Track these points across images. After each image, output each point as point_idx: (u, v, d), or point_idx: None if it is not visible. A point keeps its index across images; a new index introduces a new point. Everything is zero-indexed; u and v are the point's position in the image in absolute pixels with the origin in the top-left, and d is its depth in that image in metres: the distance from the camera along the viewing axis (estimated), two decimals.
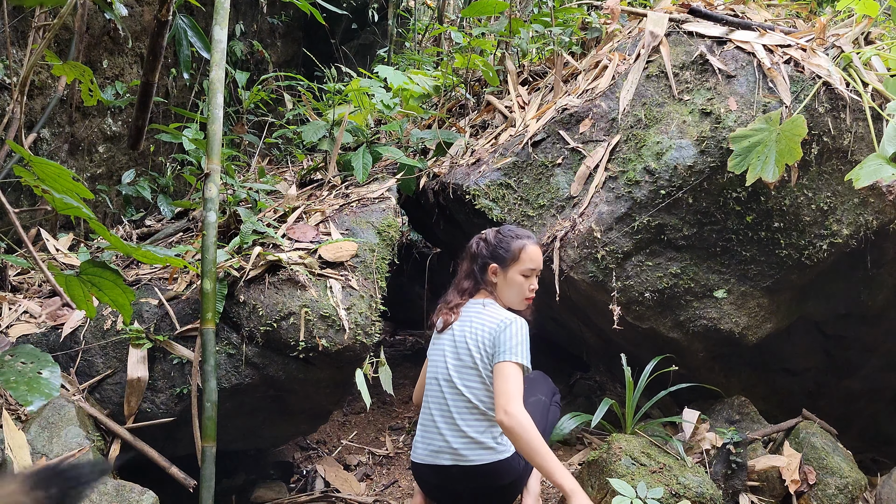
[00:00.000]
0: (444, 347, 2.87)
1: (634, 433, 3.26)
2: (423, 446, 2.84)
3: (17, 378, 1.89)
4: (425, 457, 2.81)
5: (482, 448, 2.74)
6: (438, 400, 2.83)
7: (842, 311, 3.84)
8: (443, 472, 2.78)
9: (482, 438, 2.74)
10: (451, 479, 2.78)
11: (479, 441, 2.74)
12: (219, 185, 3.19)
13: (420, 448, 2.85)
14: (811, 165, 3.42)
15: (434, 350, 2.93)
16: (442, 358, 2.86)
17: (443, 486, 2.86)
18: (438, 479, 2.83)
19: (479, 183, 3.76)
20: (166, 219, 4.50)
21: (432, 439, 2.82)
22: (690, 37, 3.70)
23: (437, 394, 2.84)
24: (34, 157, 2.06)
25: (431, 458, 2.79)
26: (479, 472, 2.75)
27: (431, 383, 2.88)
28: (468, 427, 2.75)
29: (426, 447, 2.82)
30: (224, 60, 3.28)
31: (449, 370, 2.81)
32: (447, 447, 2.77)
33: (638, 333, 3.59)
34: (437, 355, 2.89)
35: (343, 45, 7.27)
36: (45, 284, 3.57)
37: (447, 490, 2.87)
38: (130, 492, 2.53)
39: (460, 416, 2.77)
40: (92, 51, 4.24)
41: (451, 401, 2.79)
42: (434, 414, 2.82)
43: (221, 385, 3.04)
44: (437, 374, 2.86)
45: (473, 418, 2.76)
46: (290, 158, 5.51)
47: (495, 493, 2.84)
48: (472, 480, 2.76)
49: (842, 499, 3.24)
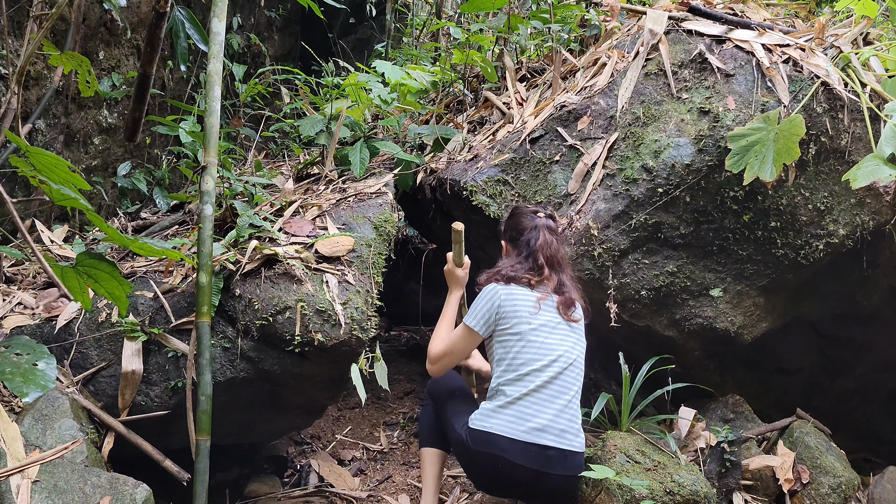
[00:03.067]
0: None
1: (629, 431, 3.27)
2: (520, 422, 2.72)
3: (13, 369, 1.88)
4: (523, 434, 2.69)
5: (580, 435, 2.81)
6: (556, 378, 2.78)
7: (837, 311, 3.85)
8: (540, 453, 2.69)
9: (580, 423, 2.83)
10: (544, 462, 2.70)
11: (580, 425, 2.82)
12: (215, 178, 3.18)
13: (513, 424, 2.72)
14: (809, 165, 3.42)
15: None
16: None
17: (520, 475, 2.71)
18: (526, 461, 2.69)
19: (476, 179, 3.75)
20: (162, 211, 4.48)
21: (534, 415, 2.72)
22: (689, 35, 3.70)
23: (555, 372, 2.79)
24: (31, 148, 2.05)
25: (530, 437, 2.69)
26: (575, 460, 2.75)
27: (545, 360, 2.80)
28: (578, 411, 2.82)
29: (524, 423, 2.71)
30: (221, 53, 3.27)
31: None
32: (556, 427, 2.73)
33: (633, 331, 3.60)
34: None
35: (340, 40, 7.25)
36: (40, 276, 3.55)
37: (524, 480, 2.72)
38: (124, 485, 2.52)
39: (576, 398, 2.82)
40: (88, 42, 4.21)
41: (571, 380, 2.83)
42: (544, 391, 2.76)
43: (216, 379, 3.03)
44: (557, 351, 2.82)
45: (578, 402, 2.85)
46: (287, 152, 5.49)
47: (567, 489, 2.80)
48: (564, 466, 2.72)
49: (835, 498, 3.26)
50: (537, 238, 2.97)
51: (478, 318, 2.87)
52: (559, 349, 2.81)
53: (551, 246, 2.98)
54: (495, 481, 2.82)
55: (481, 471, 2.80)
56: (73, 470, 2.51)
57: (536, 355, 2.78)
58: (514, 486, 2.77)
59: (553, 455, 2.69)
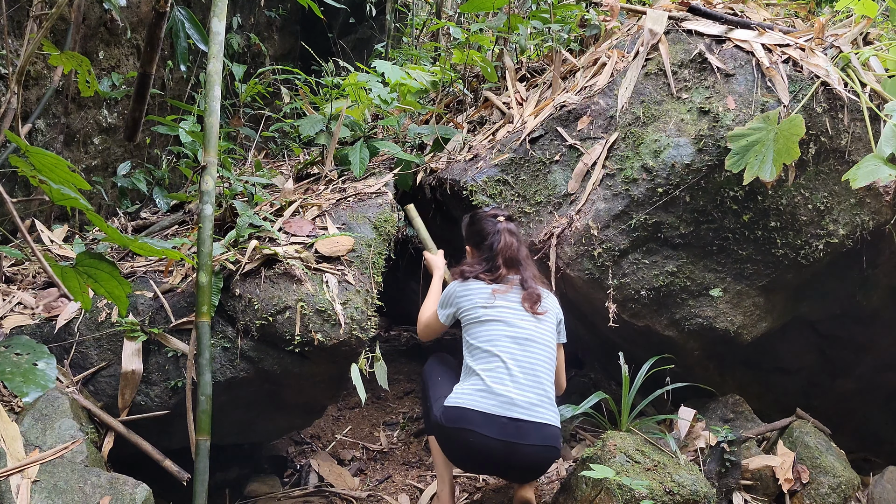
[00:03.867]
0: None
1: (629, 430, 3.27)
2: (491, 397, 2.81)
3: (13, 369, 1.88)
4: (493, 407, 2.78)
5: (552, 409, 2.89)
6: (523, 356, 2.91)
7: (836, 310, 3.85)
8: (510, 425, 2.77)
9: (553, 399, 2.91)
10: (515, 433, 2.78)
11: (552, 400, 2.90)
12: (215, 178, 3.19)
13: (484, 399, 2.82)
14: (808, 165, 3.42)
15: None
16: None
17: (492, 447, 2.79)
18: (498, 433, 2.77)
19: (476, 179, 3.75)
20: (162, 211, 4.48)
21: (504, 391, 2.82)
22: (689, 35, 3.70)
23: (522, 350, 2.91)
24: (31, 148, 2.05)
25: (500, 410, 2.78)
26: (547, 431, 2.83)
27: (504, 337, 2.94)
28: (551, 388, 2.93)
29: (494, 398, 2.80)
30: (221, 53, 3.27)
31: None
32: (524, 401, 2.81)
33: (633, 331, 3.60)
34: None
35: (340, 40, 7.25)
36: (40, 276, 3.55)
37: (497, 453, 2.80)
38: (124, 485, 2.52)
39: (546, 376, 2.93)
40: (88, 42, 4.21)
41: (540, 360, 2.94)
42: (512, 367, 2.87)
43: (216, 378, 3.03)
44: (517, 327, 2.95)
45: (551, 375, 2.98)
46: (287, 152, 5.49)
47: (541, 460, 2.87)
48: (536, 437, 2.79)
49: (835, 498, 3.26)
50: (499, 241, 3.13)
51: (441, 310, 3.15)
52: (525, 332, 2.94)
53: (512, 247, 3.14)
54: (471, 456, 2.90)
55: (456, 447, 2.88)
56: (72, 470, 2.51)
57: (502, 336, 2.92)
58: (489, 459, 2.84)
59: (524, 427, 2.78)
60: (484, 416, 2.77)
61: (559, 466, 3.54)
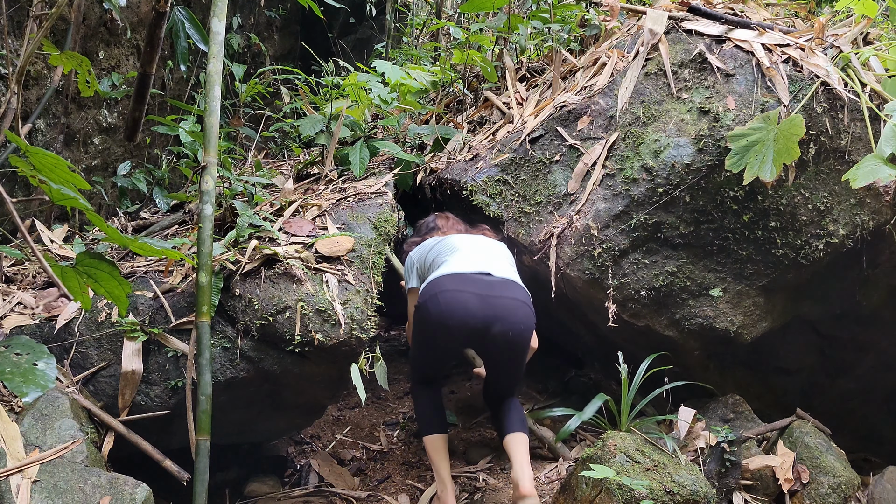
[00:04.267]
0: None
1: (629, 430, 3.27)
2: (458, 266, 3.13)
3: (13, 369, 1.88)
4: (462, 268, 3.10)
5: (517, 278, 3.20)
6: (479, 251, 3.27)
7: (836, 310, 3.85)
8: (480, 280, 3.05)
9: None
10: (487, 286, 3.03)
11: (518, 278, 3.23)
12: (215, 177, 3.18)
13: (453, 269, 3.12)
14: (808, 165, 3.42)
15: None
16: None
17: (468, 302, 2.98)
18: (472, 287, 3.01)
19: (476, 179, 3.75)
20: (162, 211, 4.48)
21: (470, 264, 3.15)
22: (689, 35, 3.70)
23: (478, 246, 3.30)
24: (31, 148, 2.05)
25: (469, 268, 3.10)
26: (517, 289, 3.09)
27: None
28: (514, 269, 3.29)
29: (461, 266, 3.13)
30: (221, 53, 3.27)
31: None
32: (490, 267, 3.15)
33: (633, 331, 3.60)
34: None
35: (340, 40, 7.25)
36: (40, 276, 3.55)
37: (473, 309, 2.98)
38: (124, 484, 2.52)
39: (508, 264, 3.28)
40: (88, 42, 4.21)
41: (498, 254, 3.31)
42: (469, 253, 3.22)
43: (216, 378, 3.03)
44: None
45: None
46: (287, 152, 5.49)
47: (525, 331, 3.05)
48: (507, 291, 3.04)
49: (835, 498, 3.26)
50: (435, 224, 3.59)
51: (409, 277, 3.46)
52: (475, 241, 3.31)
53: (448, 220, 3.60)
54: (448, 325, 3.00)
55: (433, 318, 3.02)
56: (72, 470, 2.51)
57: (452, 249, 3.25)
58: (466, 322, 2.98)
59: (494, 281, 3.06)
60: (454, 277, 3.05)
61: (559, 466, 3.54)
